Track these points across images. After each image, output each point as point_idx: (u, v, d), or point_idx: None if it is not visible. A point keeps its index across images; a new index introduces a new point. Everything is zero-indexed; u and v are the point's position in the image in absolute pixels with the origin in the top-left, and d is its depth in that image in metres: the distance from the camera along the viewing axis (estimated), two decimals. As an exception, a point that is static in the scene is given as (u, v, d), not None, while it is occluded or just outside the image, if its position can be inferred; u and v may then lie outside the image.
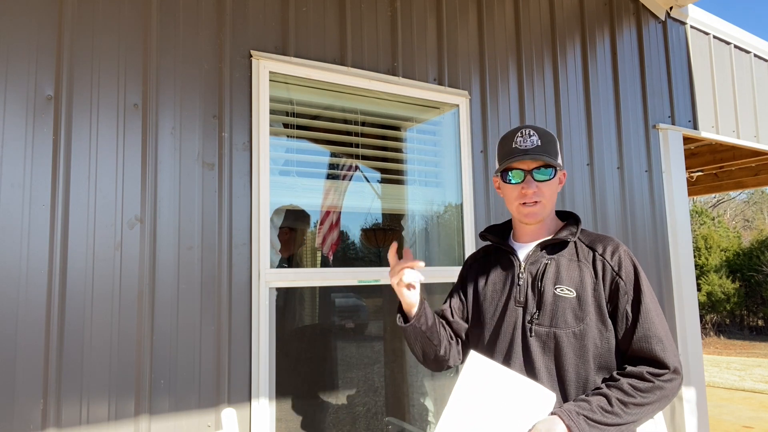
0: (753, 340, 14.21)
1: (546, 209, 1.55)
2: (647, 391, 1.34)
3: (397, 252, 1.59)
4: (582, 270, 1.47)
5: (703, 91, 4.29)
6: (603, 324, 1.43)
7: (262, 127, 2.37)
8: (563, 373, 1.44)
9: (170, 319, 2.09)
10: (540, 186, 1.52)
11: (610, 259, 1.46)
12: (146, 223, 2.08)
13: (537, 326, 1.47)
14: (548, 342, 1.45)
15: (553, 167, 1.53)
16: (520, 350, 1.49)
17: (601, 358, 1.43)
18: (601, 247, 1.49)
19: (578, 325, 1.43)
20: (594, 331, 1.43)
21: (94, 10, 2.08)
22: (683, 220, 3.87)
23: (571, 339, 1.43)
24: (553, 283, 1.48)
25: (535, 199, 1.52)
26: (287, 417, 3.27)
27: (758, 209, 23.44)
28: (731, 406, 6.89)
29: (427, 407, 3.20)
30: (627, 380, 1.36)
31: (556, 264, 1.51)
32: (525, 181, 1.52)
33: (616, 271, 1.44)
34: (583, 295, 1.45)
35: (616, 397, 1.33)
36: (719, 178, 6.87)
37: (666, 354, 1.37)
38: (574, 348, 1.43)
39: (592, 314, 1.43)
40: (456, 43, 3.05)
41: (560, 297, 1.46)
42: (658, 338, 1.38)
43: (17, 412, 1.80)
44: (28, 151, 1.91)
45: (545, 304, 1.47)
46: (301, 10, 2.57)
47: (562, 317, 1.44)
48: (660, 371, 1.36)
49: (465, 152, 2.97)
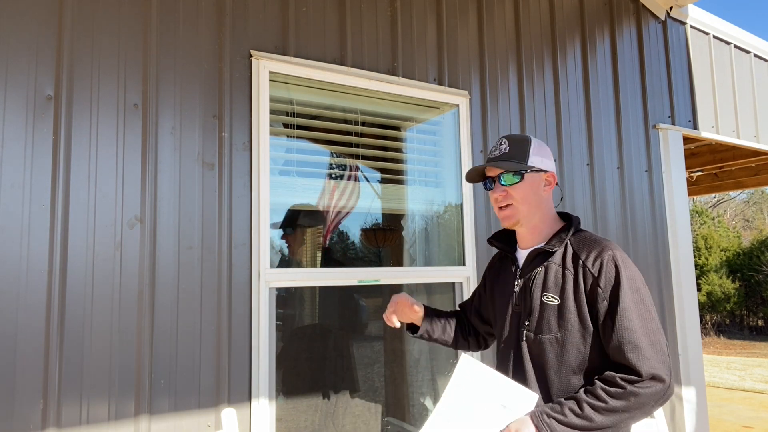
0: (753, 340, 14.21)
1: (520, 212, 1.57)
2: (618, 397, 1.34)
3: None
4: (566, 277, 1.50)
5: (703, 91, 4.29)
6: (585, 330, 1.46)
7: (262, 127, 2.37)
8: (546, 377, 1.49)
9: (170, 319, 2.09)
10: (508, 190, 1.57)
11: (591, 266, 1.47)
12: (146, 223, 2.08)
13: (527, 332, 1.54)
14: (534, 347, 1.52)
15: (518, 171, 1.56)
16: (513, 354, 1.57)
17: (583, 363, 1.46)
18: (585, 253, 1.50)
19: (560, 332, 1.48)
20: (576, 338, 1.46)
21: (94, 10, 2.08)
22: (683, 220, 3.87)
23: (553, 344, 1.48)
24: (541, 290, 1.53)
25: (505, 202, 1.58)
26: (287, 417, 3.27)
27: (758, 209, 23.44)
28: (731, 406, 6.89)
29: (427, 407, 3.20)
30: (600, 385, 1.38)
31: (546, 271, 1.54)
32: (495, 187, 1.60)
33: (595, 277, 1.46)
34: (566, 302, 1.48)
35: (587, 401, 1.36)
36: (719, 178, 6.87)
37: (641, 361, 1.36)
38: (556, 353, 1.48)
39: (574, 321, 1.46)
40: (456, 43, 3.05)
41: (546, 304, 1.51)
42: (632, 345, 1.37)
43: (17, 412, 1.80)
44: (28, 151, 1.91)
45: (534, 311, 1.53)
46: (301, 10, 2.57)
47: (546, 323, 1.50)
48: (633, 377, 1.36)
49: (465, 152, 2.97)
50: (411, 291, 3.30)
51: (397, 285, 3.15)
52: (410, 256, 3.23)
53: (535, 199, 1.58)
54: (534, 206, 1.59)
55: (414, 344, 3.36)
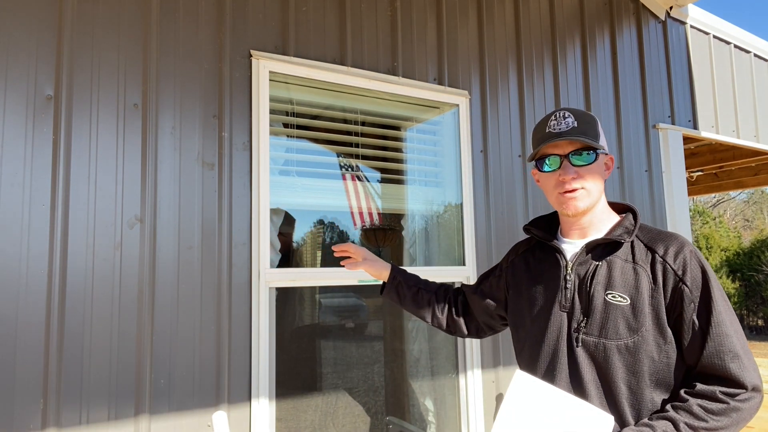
0: (753, 340, 14.21)
1: (590, 198, 1.37)
2: (721, 414, 1.18)
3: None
4: (638, 274, 1.31)
5: (703, 90, 4.29)
6: (662, 336, 1.27)
7: (262, 127, 2.37)
8: (614, 388, 1.28)
9: (170, 319, 2.09)
10: (579, 171, 1.36)
11: (673, 262, 1.29)
12: (146, 223, 2.08)
13: (585, 335, 1.32)
14: (596, 354, 1.30)
15: (593, 149, 1.36)
16: (565, 361, 1.35)
17: (658, 374, 1.27)
18: (663, 248, 1.31)
19: (631, 337, 1.27)
20: (650, 344, 1.27)
21: (94, 10, 2.08)
22: (683, 220, 3.87)
23: (623, 352, 1.28)
24: (605, 287, 1.33)
25: (575, 185, 1.36)
26: (287, 417, 3.27)
27: (758, 209, 23.43)
28: (731, 406, 6.88)
29: (428, 407, 3.20)
30: (697, 401, 1.19)
31: (609, 266, 1.34)
32: (562, 167, 1.37)
33: (680, 276, 1.27)
34: (639, 302, 1.28)
35: (684, 422, 1.18)
36: (719, 178, 6.87)
37: (744, 372, 1.20)
38: (626, 362, 1.28)
39: (649, 325, 1.27)
40: (456, 43, 3.05)
41: (612, 304, 1.30)
42: (733, 353, 1.21)
43: (17, 412, 1.80)
44: (28, 151, 1.91)
45: (594, 312, 1.32)
46: (301, 9, 2.57)
47: (613, 327, 1.29)
48: (736, 391, 1.19)
49: (465, 152, 2.97)
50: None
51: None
52: (410, 255, 3.23)
53: (600, 184, 1.40)
54: (600, 192, 1.41)
55: (414, 344, 3.36)
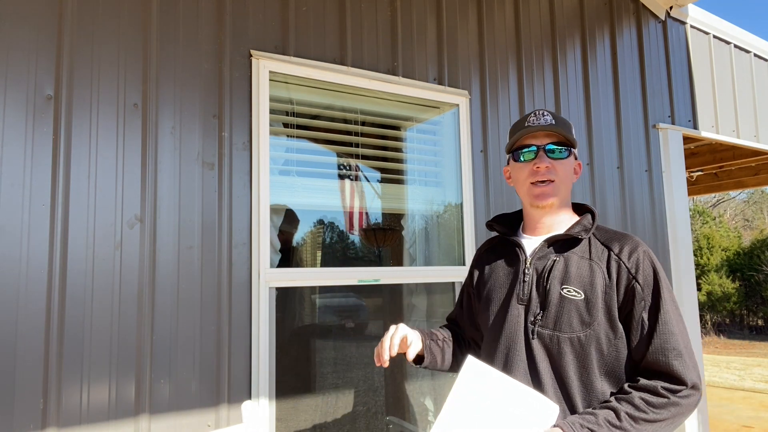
0: (753, 340, 14.21)
1: (560, 191, 1.42)
2: (660, 407, 1.24)
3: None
4: (594, 270, 1.35)
5: (703, 90, 4.29)
6: (613, 331, 1.32)
7: (262, 127, 2.37)
8: (567, 380, 1.33)
9: (170, 319, 2.09)
10: (554, 163, 1.41)
11: (627, 260, 1.34)
12: (146, 223, 2.08)
13: (540, 328, 1.37)
14: (551, 346, 1.35)
15: (569, 146, 1.42)
16: (523, 353, 1.38)
17: (607, 366, 1.33)
18: (618, 246, 1.37)
19: (584, 330, 1.32)
20: (601, 338, 1.32)
21: (94, 10, 2.08)
22: (683, 220, 3.87)
23: (575, 344, 1.33)
24: (560, 282, 1.37)
25: (548, 176, 1.40)
26: (287, 417, 3.27)
27: (758, 209, 23.43)
28: (731, 406, 6.89)
29: (427, 407, 3.20)
30: (639, 394, 1.25)
31: (566, 261, 1.39)
32: (537, 156, 1.41)
33: (633, 274, 1.32)
34: (593, 297, 1.33)
35: (625, 411, 1.23)
36: (719, 178, 6.87)
37: (685, 369, 1.26)
38: (577, 354, 1.33)
39: (601, 319, 1.32)
40: (456, 43, 3.05)
41: (566, 298, 1.35)
42: (676, 351, 1.27)
43: (17, 412, 1.81)
44: (28, 151, 1.91)
45: (550, 305, 1.36)
46: (301, 9, 2.57)
47: (567, 320, 1.34)
48: (677, 387, 1.25)
49: (465, 152, 2.97)
50: (411, 291, 3.30)
51: (397, 285, 3.16)
52: (410, 255, 3.23)
53: (569, 183, 1.45)
54: (568, 189, 1.46)
55: (414, 344, 3.35)
